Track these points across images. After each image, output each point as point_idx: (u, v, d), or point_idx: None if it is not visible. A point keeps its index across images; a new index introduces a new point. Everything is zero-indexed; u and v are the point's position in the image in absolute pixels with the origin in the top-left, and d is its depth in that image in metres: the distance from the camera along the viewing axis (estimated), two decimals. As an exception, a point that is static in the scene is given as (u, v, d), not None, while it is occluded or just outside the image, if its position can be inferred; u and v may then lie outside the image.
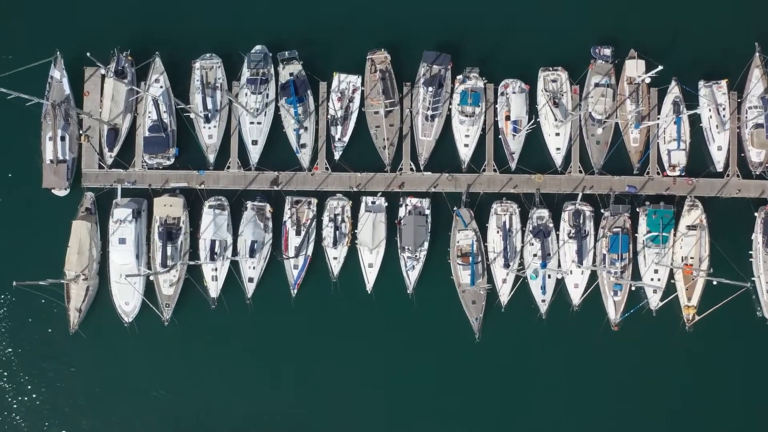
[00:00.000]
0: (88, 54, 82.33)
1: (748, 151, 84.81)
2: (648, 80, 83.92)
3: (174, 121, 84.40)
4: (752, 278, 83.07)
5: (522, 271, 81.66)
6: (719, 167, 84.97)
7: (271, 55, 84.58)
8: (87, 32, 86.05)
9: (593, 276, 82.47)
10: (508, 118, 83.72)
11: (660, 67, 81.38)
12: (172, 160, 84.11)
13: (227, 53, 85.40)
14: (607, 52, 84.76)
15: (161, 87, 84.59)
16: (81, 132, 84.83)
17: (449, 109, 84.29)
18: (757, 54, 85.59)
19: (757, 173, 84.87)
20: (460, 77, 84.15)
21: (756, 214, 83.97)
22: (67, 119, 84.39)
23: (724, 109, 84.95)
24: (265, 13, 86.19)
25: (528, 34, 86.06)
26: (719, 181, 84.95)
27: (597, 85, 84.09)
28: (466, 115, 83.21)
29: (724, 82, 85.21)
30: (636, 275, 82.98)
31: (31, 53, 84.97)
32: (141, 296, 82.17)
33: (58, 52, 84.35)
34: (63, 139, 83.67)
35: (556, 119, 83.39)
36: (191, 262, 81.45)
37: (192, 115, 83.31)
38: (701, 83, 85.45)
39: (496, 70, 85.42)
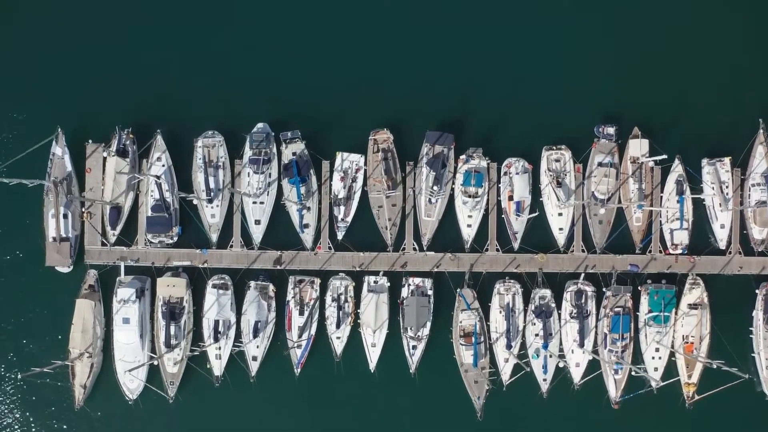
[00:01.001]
0: (90, 141, 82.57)
1: (751, 228, 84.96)
2: (652, 164, 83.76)
3: (176, 200, 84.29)
4: (752, 354, 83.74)
5: (525, 360, 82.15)
6: (722, 245, 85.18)
7: (273, 134, 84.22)
8: (88, 109, 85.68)
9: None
10: (511, 198, 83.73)
11: (664, 156, 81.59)
12: (175, 239, 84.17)
13: (230, 129, 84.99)
14: (611, 130, 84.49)
15: (163, 165, 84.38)
16: (83, 210, 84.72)
17: (452, 189, 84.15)
18: (761, 131, 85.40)
19: (760, 250, 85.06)
20: (463, 157, 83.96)
21: (757, 291, 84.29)
22: (69, 196, 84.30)
23: (727, 187, 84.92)
24: (267, 90, 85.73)
25: (531, 112, 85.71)
26: (721, 259, 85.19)
27: (600, 164, 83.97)
28: (469, 196, 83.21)
29: (727, 160, 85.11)
30: (637, 353, 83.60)
31: (33, 130, 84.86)
32: (144, 383, 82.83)
33: (60, 129, 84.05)
34: (65, 216, 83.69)
35: (559, 201, 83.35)
36: (194, 350, 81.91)
37: (195, 201, 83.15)
38: (705, 161, 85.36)
39: (499, 148, 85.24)
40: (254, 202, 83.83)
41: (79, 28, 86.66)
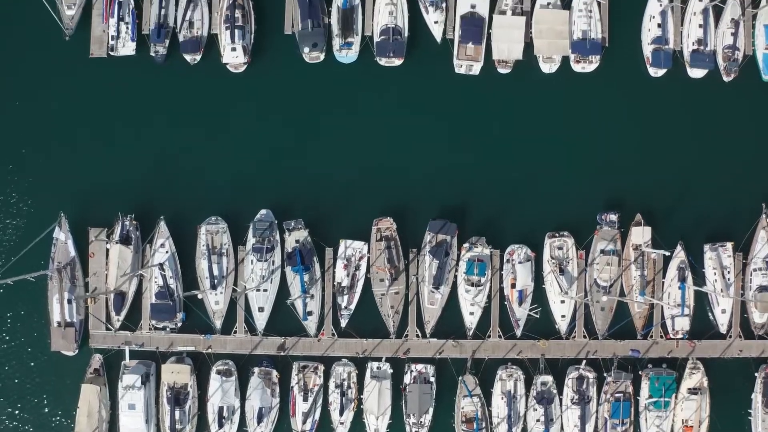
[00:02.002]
0: (90, 227, 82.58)
1: (752, 313, 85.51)
2: (654, 256, 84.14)
3: (180, 287, 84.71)
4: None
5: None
6: (722, 329, 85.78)
7: (276, 222, 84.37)
8: (91, 194, 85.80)
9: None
10: (513, 286, 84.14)
11: (667, 253, 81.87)
12: (179, 324, 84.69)
13: (233, 215, 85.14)
14: (613, 218, 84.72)
15: (167, 252, 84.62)
16: (87, 296, 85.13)
17: (455, 276, 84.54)
18: (764, 215, 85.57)
19: (760, 334, 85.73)
20: (466, 245, 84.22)
21: (756, 374, 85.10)
22: (73, 281, 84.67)
23: (729, 272, 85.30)
24: (270, 177, 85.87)
25: (533, 199, 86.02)
26: (722, 343, 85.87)
27: (603, 252, 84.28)
28: (472, 285, 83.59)
29: (729, 245, 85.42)
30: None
31: (35, 216, 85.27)
32: None
33: (62, 215, 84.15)
34: (70, 302, 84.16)
35: (561, 290, 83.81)
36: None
37: (200, 295, 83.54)
38: (707, 246, 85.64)
39: (502, 235, 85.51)
40: (257, 290, 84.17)
41: (81, 114, 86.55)
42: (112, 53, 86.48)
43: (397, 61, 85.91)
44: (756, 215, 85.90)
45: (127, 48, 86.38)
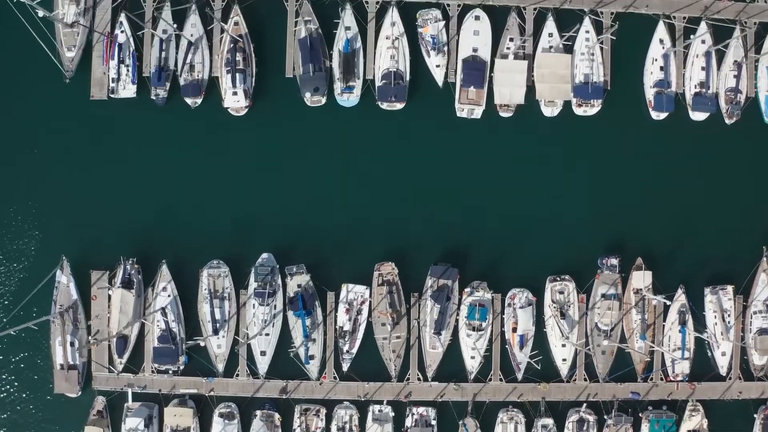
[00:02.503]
0: (92, 270, 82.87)
1: (752, 355, 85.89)
2: (655, 302, 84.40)
3: (183, 330, 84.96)
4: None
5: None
6: (722, 371, 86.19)
7: (278, 266, 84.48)
8: (92, 237, 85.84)
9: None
10: (515, 330, 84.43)
11: (668, 303, 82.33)
12: (182, 367, 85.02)
13: (235, 258, 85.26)
14: (614, 262, 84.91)
15: (169, 296, 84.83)
16: (90, 339, 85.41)
17: (456, 321, 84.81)
18: (765, 258, 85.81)
19: (759, 376, 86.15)
20: (467, 290, 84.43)
21: (755, 415, 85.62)
22: (75, 324, 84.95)
23: (729, 315, 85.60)
24: (272, 220, 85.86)
25: (535, 243, 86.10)
26: (722, 385, 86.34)
27: (604, 296, 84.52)
28: (473, 329, 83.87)
29: (730, 288, 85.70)
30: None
31: (38, 258, 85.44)
32: None
33: (64, 258, 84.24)
34: (72, 344, 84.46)
35: (562, 334, 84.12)
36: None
37: (203, 343, 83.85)
38: (707, 289, 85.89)
39: (503, 278, 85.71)
40: (259, 334, 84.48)
41: (82, 156, 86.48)
42: (112, 95, 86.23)
43: (399, 105, 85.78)
44: (757, 258, 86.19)
45: (127, 90, 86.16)
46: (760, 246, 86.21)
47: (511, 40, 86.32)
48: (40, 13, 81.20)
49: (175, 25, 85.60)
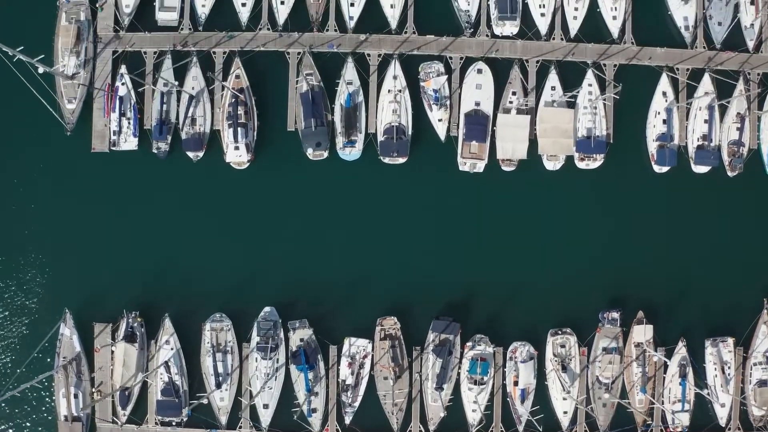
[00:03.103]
0: (95, 323, 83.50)
1: (751, 405, 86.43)
2: (655, 358, 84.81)
3: (186, 383, 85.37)
4: None
5: None
6: (722, 422, 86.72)
7: (280, 321, 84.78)
8: (95, 290, 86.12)
9: None
10: (516, 383, 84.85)
11: (667, 362, 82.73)
12: (185, 420, 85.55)
13: (237, 311, 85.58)
14: (615, 316, 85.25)
15: (171, 349, 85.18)
16: (93, 391, 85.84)
17: (458, 374, 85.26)
18: (765, 310, 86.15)
19: (758, 426, 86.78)
20: (469, 344, 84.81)
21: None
22: (79, 376, 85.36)
23: (729, 367, 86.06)
24: (274, 274, 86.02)
25: (535, 296, 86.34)
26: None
27: (605, 350, 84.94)
28: (475, 383, 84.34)
29: (730, 340, 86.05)
30: None
31: (41, 312, 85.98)
32: None
33: (67, 311, 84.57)
34: (76, 396, 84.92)
35: (563, 389, 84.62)
36: None
37: (205, 400, 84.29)
38: (708, 341, 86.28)
39: (505, 331, 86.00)
40: (262, 388, 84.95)
41: (83, 209, 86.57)
42: (114, 148, 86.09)
43: (401, 160, 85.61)
44: (757, 310, 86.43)
45: (129, 143, 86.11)
46: (760, 298, 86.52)
47: (514, 93, 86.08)
48: (41, 70, 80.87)
49: (176, 82, 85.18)
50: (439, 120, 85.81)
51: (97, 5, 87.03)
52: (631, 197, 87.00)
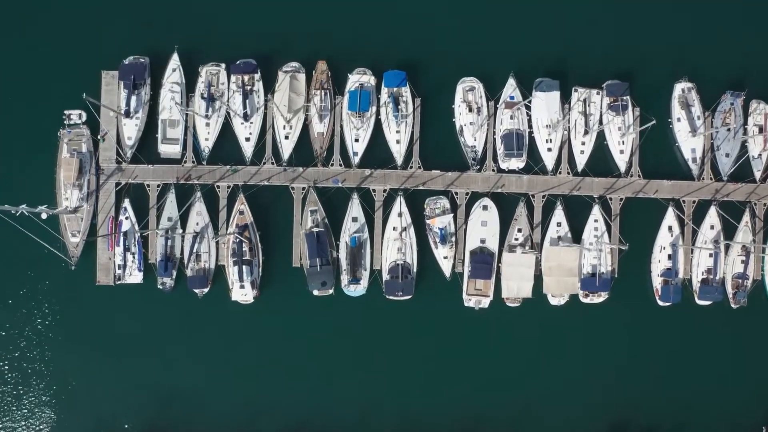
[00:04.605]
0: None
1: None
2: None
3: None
4: None
5: None
6: None
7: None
8: (101, 425, 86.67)
9: None
10: None
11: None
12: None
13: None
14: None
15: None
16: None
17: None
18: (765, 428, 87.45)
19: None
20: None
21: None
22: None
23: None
24: (277, 409, 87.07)
25: (538, 429, 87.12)
26: None
27: None
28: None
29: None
30: None
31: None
32: None
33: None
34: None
35: None
36: None
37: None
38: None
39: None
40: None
41: (87, 343, 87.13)
42: (119, 282, 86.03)
43: (406, 297, 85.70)
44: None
45: (134, 277, 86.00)
46: (759, 426, 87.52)
47: (520, 230, 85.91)
48: (44, 216, 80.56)
49: (180, 231, 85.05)
50: (445, 257, 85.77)
51: (99, 137, 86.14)
52: (633, 330, 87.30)
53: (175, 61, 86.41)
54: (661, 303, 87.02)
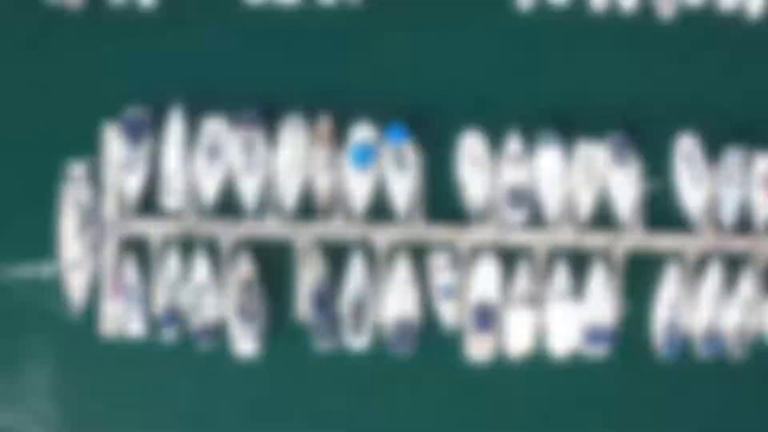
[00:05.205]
0: None
1: None
2: None
3: None
4: None
5: None
6: None
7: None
8: None
9: None
10: None
11: None
12: None
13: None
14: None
15: None
16: None
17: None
18: None
19: None
20: None
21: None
22: None
23: None
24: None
25: None
26: None
27: None
28: None
29: None
30: None
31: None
32: None
33: None
34: None
35: None
36: None
37: None
38: None
39: None
40: None
41: (88, 399, 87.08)
42: (121, 334, 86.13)
43: (408, 352, 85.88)
44: None
45: (136, 329, 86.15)
46: None
47: (522, 285, 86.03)
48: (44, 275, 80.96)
49: (183, 283, 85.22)
50: (447, 312, 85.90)
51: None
52: (633, 389, 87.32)
53: (176, 113, 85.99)
54: (663, 357, 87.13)
